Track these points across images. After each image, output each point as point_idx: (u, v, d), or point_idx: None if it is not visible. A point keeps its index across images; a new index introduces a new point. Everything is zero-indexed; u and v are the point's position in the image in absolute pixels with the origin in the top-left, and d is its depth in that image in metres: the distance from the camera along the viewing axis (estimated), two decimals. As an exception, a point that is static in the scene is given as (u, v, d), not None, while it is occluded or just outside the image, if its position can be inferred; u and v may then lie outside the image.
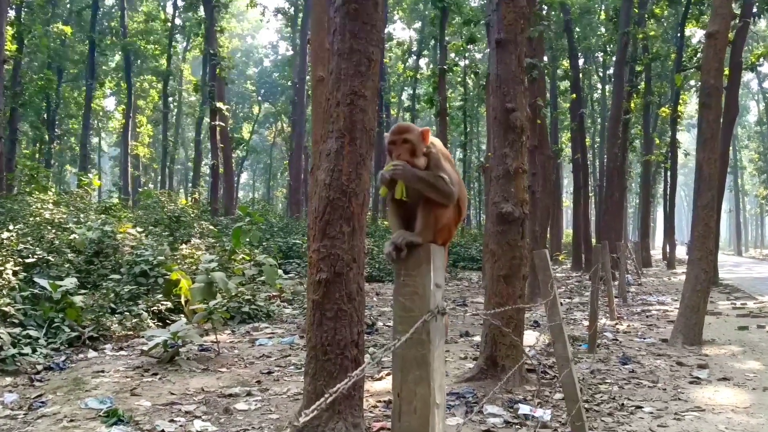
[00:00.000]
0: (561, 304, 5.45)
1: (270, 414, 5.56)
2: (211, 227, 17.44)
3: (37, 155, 33.16)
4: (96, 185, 28.69)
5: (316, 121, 7.99)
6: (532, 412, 5.40)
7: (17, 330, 7.63)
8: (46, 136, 32.24)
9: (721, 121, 10.92)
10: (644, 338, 9.46)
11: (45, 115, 32.93)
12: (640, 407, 5.81)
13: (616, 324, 10.81)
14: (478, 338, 9.04)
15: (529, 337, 8.54)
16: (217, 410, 5.66)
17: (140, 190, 30.63)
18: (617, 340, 9.28)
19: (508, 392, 6.13)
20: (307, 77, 26.13)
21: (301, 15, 34.86)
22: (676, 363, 7.75)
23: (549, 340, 8.53)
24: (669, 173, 29.76)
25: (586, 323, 10.24)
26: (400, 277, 1.83)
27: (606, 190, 24.37)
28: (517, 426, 5.20)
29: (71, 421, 5.26)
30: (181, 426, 5.16)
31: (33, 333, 7.84)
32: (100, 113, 42.89)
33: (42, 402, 5.89)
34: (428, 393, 1.71)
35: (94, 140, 46.22)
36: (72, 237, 11.48)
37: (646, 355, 8.24)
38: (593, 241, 26.28)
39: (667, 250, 29.64)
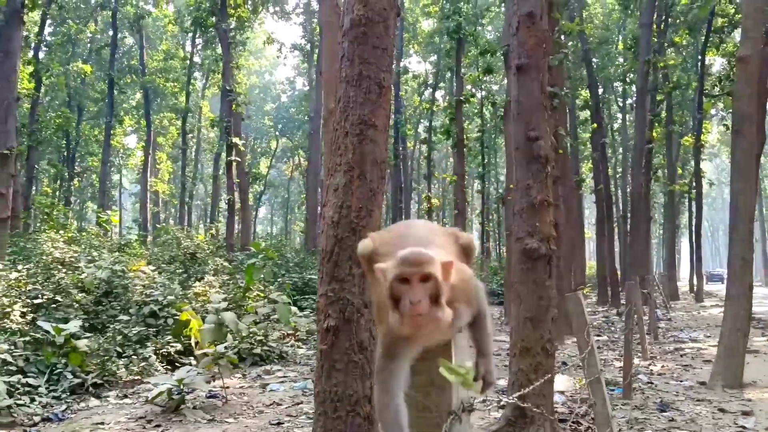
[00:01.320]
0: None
1: (277, 473, 5.09)
2: (226, 263, 17.09)
3: (57, 193, 33.28)
4: (114, 222, 28.69)
5: (327, 154, 7.65)
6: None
7: (16, 378, 7.25)
8: (66, 174, 32.37)
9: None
10: (681, 381, 8.85)
11: (65, 153, 33.11)
12: (685, 464, 5.26)
13: (650, 364, 10.19)
14: (502, 382, 8.50)
15: (558, 382, 7.97)
16: (220, 469, 5.20)
17: (158, 226, 30.51)
18: (652, 383, 8.67)
19: (538, 447, 5.60)
20: (323, 111, 26.08)
21: (317, 50, 34.97)
22: (718, 409, 7.15)
23: (580, 385, 7.98)
24: (694, 203, 29.04)
25: (618, 364, 9.66)
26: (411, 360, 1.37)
27: (631, 221, 23.73)
28: (549, 488, 4.67)
29: (60, 483, 4.83)
30: (178, 489, 4.71)
31: (32, 381, 7.46)
32: (121, 150, 43.17)
33: (33, 460, 5.48)
34: None
35: (115, 177, 46.47)
36: (82, 276, 11.17)
37: (685, 400, 7.64)
38: (618, 273, 25.55)
39: (695, 283, 28.75)
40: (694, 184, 28.61)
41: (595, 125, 24.25)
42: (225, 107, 25.31)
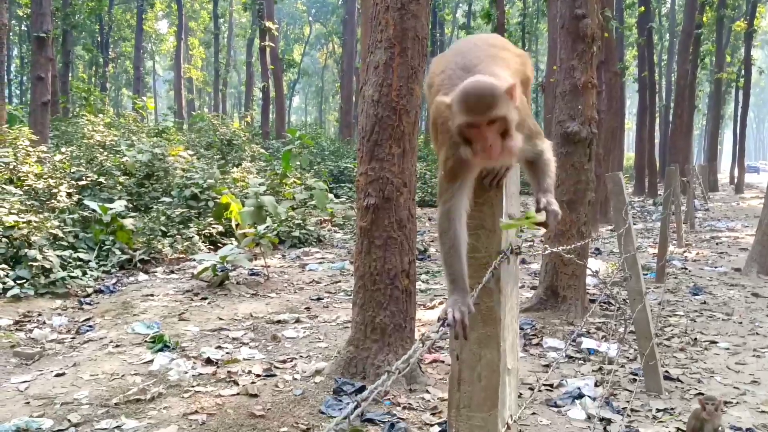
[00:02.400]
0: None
1: (318, 342, 5.36)
2: (262, 150, 17.24)
3: (92, 78, 33.37)
4: (150, 108, 28.87)
5: (364, 34, 7.47)
6: (597, 347, 5.03)
7: (67, 253, 7.60)
8: (101, 59, 32.30)
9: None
10: (715, 267, 8.89)
11: (99, 39, 32.89)
12: (715, 342, 5.39)
13: (685, 252, 10.22)
14: (535, 266, 8.66)
15: (592, 266, 8.08)
16: (264, 337, 5.49)
17: (193, 113, 30.61)
18: (686, 269, 8.74)
19: (570, 324, 5.76)
20: (358, -7, 25.13)
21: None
22: (751, 294, 7.22)
23: (613, 269, 8.08)
24: (741, 92, 27.94)
25: (652, 251, 9.72)
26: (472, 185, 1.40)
27: (674, 110, 23.05)
28: (580, 361, 4.85)
29: (117, 346, 5.17)
30: (227, 353, 5.00)
31: (83, 256, 7.82)
32: (153, 36, 42.73)
33: (90, 326, 5.84)
34: (497, 357, 1.32)
35: (149, 64, 46.28)
36: (123, 159, 11.42)
37: (718, 285, 7.71)
38: (657, 164, 25.15)
39: (736, 174, 28.21)
40: (742, 72, 27.43)
41: (642, 9, 23.07)
42: (258, -11, 24.59)
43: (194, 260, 8.33)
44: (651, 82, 24.17)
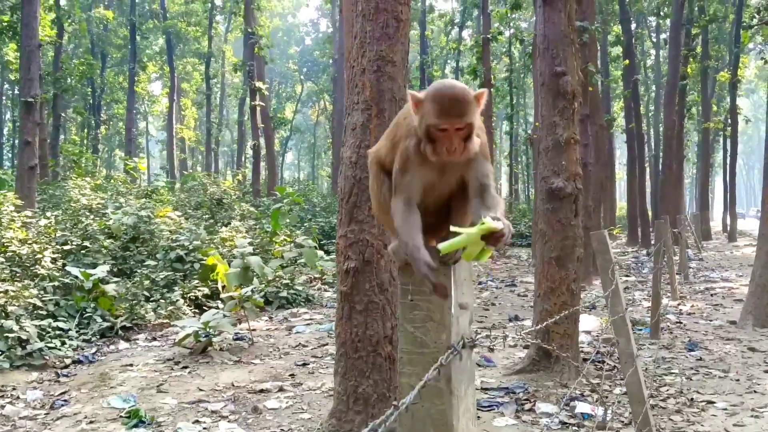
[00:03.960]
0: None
1: (301, 413, 5.13)
2: (252, 209, 17.16)
3: (84, 141, 33.54)
4: (142, 169, 28.94)
5: (346, 94, 7.47)
6: (591, 411, 4.83)
7: (47, 322, 7.39)
8: (93, 122, 32.53)
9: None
10: (710, 320, 8.72)
11: (91, 101, 33.19)
12: (712, 402, 5.19)
13: (679, 304, 10.05)
14: (528, 322, 8.48)
15: (585, 322, 7.91)
16: (245, 409, 5.26)
17: (185, 172, 30.67)
18: (681, 322, 8.56)
19: (563, 386, 5.56)
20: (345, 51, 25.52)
21: (340, -10, 34.16)
22: (747, 348, 7.04)
23: (606, 325, 7.90)
24: (729, 141, 28.22)
25: (647, 304, 9.56)
26: (408, 295, 1.28)
27: (663, 161, 23.20)
28: (574, 427, 4.64)
29: (91, 422, 4.94)
30: (205, 428, 4.77)
31: (63, 324, 7.61)
32: (146, 97, 43.19)
33: (65, 400, 5.60)
34: (449, 472, 1.17)
35: (142, 124, 46.64)
36: (109, 222, 11.28)
37: (714, 339, 7.53)
38: (650, 214, 25.18)
39: (728, 222, 28.22)
40: (729, 121, 27.78)
41: (627, 62, 23.48)
42: (247, 51, 24.96)
43: (177, 326, 8.11)
44: (639, 133, 24.40)
